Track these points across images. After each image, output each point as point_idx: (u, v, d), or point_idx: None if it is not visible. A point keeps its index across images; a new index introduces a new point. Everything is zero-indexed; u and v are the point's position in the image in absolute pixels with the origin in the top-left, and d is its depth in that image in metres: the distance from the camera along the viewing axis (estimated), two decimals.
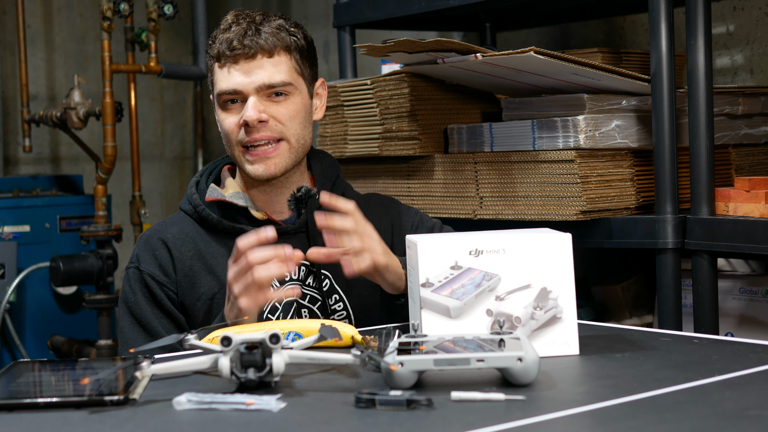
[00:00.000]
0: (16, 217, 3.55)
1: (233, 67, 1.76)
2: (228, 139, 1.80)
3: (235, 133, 1.78)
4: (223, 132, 1.81)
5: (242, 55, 1.75)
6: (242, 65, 1.75)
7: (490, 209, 2.25)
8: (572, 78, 2.12)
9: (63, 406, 1.16)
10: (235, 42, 1.75)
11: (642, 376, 1.24)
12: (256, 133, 1.76)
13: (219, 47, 1.77)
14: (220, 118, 1.80)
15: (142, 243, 1.81)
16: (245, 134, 1.76)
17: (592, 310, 2.63)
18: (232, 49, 1.75)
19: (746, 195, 1.98)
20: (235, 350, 1.22)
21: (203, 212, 1.80)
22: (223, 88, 1.77)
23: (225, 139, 1.81)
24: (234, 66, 1.76)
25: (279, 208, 1.84)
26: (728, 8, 2.60)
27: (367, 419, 1.09)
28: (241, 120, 1.76)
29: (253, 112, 1.74)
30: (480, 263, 1.38)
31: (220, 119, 1.80)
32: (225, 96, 1.77)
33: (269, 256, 1.54)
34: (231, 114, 1.78)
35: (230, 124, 1.78)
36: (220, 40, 1.77)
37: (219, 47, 1.77)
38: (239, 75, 1.75)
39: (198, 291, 1.77)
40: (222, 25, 1.79)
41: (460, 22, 3.02)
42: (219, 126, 1.83)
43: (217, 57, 1.78)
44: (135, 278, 1.78)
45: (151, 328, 1.75)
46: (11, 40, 4.02)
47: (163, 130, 4.50)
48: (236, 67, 1.76)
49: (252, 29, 1.76)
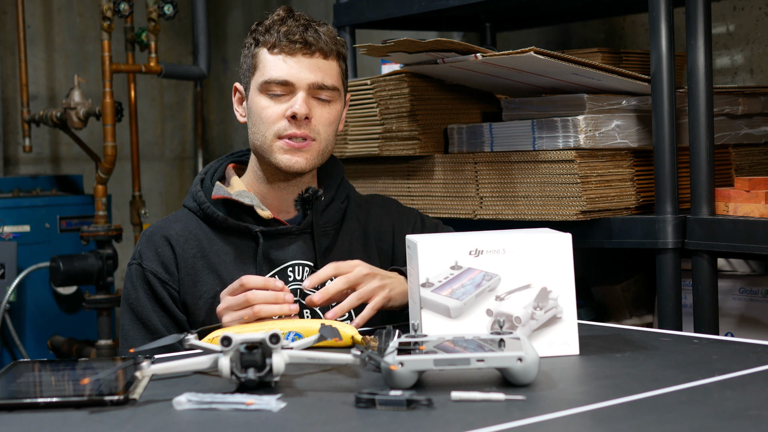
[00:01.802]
0: (16, 217, 3.55)
1: (289, 58, 1.75)
2: (263, 126, 1.77)
3: (274, 122, 1.76)
4: (259, 119, 1.78)
5: (301, 49, 1.75)
6: (299, 59, 1.75)
7: (490, 209, 2.25)
8: (572, 78, 2.12)
9: (63, 406, 1.16)
10: (297, 35, 1.75)
11: (642, 376, 1.24)
12: (298, 129, 1.75)
13: (276, 35, 1.76)
14: (259, 105, 1.78)
15: (145, 239, 1.80)
16: (288, 125, 1.75)
17: (592, 310, 2.63)
18: (293, 41, 1.75)
19: (746, 195, 1.98)
20: (235, 350, 1.22)
21: (208, 210, 1.79)
22: (275, 76, 1.76)
23: (258, 126, 1.78)
24: (290, 57, 1.75)
25: (285, 208, 1.84)
26: (728, 8, 2.60)
27: (367, 419, 1.09)
28: (287, 111, 1.75)
29: (304, 107, 1.74)
30: (480, 263, 1.38)
31: (260, 106, 1.77)
32: (274, 84, 1.76)
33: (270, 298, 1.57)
34: (274, 103, 1.77)
35: (272, 113, 1.76)
36: (276, 29, 1.76)
37: (276, 35, 1.76)
38: (295, 67, 1.75)
39: (200, 290, 1.77)
40: (275, 17, 1.79)
41: (460, 22, 3.02)
42: (246, 113, 1.82)
43: (271, 45, 1.76)
44: (137, 275, 1.78)
45: (152, 325, 1.75)
46: (11, 40, 4.02)
47: (163, 130, 4.50)
48: (292, 59, 1.75)
49: (312, 28, 1.77)
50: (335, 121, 1.81)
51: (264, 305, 1.57)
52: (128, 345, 1.75)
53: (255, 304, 1.57)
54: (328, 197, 1.85)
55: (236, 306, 1.59)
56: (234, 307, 1.60)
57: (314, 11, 3.96)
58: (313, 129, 1.77)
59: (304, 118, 1.75)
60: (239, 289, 1.60)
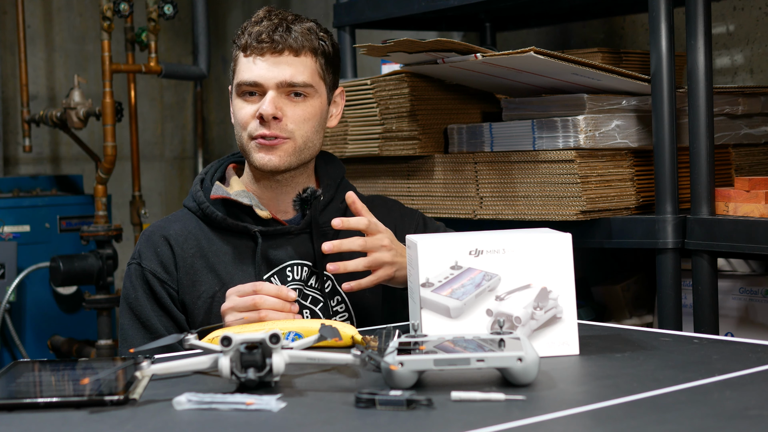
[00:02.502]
0: (16, 217, 3.55)
1: (258, 59, 1.76)
2: (238, 128, 1.80)
3: (247, 124, 1.78)
4: (235, 121, 1.81)
5: (269, 49, 1.76)
6: (267, 58, 1.76)
7: (490, 209, 2.25)
8: (572, 78, 2.12)
9: (63, 406, 1.16)
10: (264, 35, 1.76)
11: (642, 376, 1.24)
12: (267, 129, 1.76)
13: (247, 38, 1.77)
14: (235, 107, 1.81)
15: (145, 239, 1.81)
16: (258, 126, 1.77)
17: (592, 310, 2.63)
18: (260, 41, 1.76)
19: (746, 195, 1.98)
20: (235, 350, 1.22)
21: (207, 210, 1.80)
22: (245, 78, 1.77)
23: (236, 128, 1.82)
24: (259, 58, 1.76)
25: (284, 208, 1.85)
26: (728, 8, 2.60)
27: (367, 419, 1.09)
28: (256, 112, 1.76)
29: (270, 107, 1.75)
30: (480, 263, 1.38)
31: (236, 108, 1.81)
32: (245, 86, 1.78)
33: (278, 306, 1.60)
34: (247, 104, 1.79)
35: (245, 114, 1.78)
36: (249, 32, 1.78)
37: (247, 38, 1.77)
38: (263, 68, 1.76)
39: (199, 289, 1.77)
40: (253, 18, 1.80)
41: (460, 22, 3.02)
42: (233, 115, 1.84)
43: (243, 47, 1.78)
44: (136, 274, 1.78)
45: (151, 325, 1.75)
46: (11, 40, 4.02)
47: (163, 130, 4.50)
48: (261, 59, 1.76)
49: (283, 26, 1.77)
50: (313, 117, 1.80)
51: (271, 312, 1.59)
52: (127, 345, 1.75)
53: (263, 309, 1.59)
54: (327, 197, 1.85)
55: (242, 307, 1.60)
56: (239, 308, 1.61)
57: (314, 11, 3.96)
58: (284, 128, 1.77)
59: (273, 118, 1.75)
60: (250, 291, 1.61)
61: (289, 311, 1.60)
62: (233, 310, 1.61)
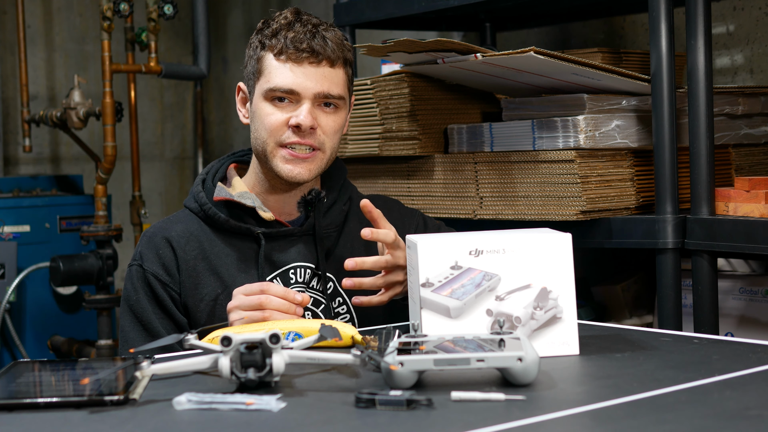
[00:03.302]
0: (16, 217, 3.55)
1: (296, 67, 1.74)
2: (266, 133, 1.77)
3: (278, 130, 1.75)
4: (261, 125, 1.77)
5: (308, 58, 1.74)
6: (306, 68, 1.74)
7: (490, 209, 2.25)
8: (572, 78, 2.12)
9: (63, 406, 1.16)
10: (305, 44, 1.73)
11: (642, 376, 1.24)
12: (302, 138, 1.75)
13: (284, 42, 1.74)
14: (263, 111, 1.77)
15: (146, 241, 1.79)
16: (292, 135, 1.75)
17: (592, 310, 2.63)
18: (300, 49, 1.73)
19: (746, 195, 1.98)
20: (235, 350, 1.22)
21: (210, 211, 1.78)
22: (280, 84, 1.74)
23: (260, 132, 1.77)
24: (297, 65, 1.74)
25: (288, 210, 1.84)
26: (728, 8, 2.60)
27: (367, 419, 1.09)
28: (290, 120, 1.74)
29: (308, 119, 1.73)
30: (480, 263, 1.38)
31: (264, 112, 1.77)
32: (279, 92, 1.75)
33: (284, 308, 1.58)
34: (278, 110, 1.76)
35: (276, 120, 1.75)
36: (284, 35, 1.74)
37: (284, 42, 1.74)
38: (301, 76, 1.74)
39: (201, 292, 1.76)
40: (282, 20, 1.77)
41: (460, 22, 3.02)
42: (250, 116, 1.81)
43: (278, 51, 1.74)
44: (138, 276, 1.77)
45: (152, 327, 1.74)
46: (11, 40, 4.02)
47: (163, 130, 4.50)
48: (299, 67, 1.74)
49: (319, 34, 1.75)
50: (341, 128, 1.80)
51: (276, 312, 1.57)
52: (128, 347, 1.75)
53: (268, 309, 1.58)
54: (331, 199, 1.84)
55: (247, 306, 1.59)
56: (245, 307, 1.59)
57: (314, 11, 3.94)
58: (319, 139, 1.76)
59: (309, 129, 1.74)
60: (257, 291, 1.60)
61: (294, 314, 1.58)
62: (238, 309, 1.60)
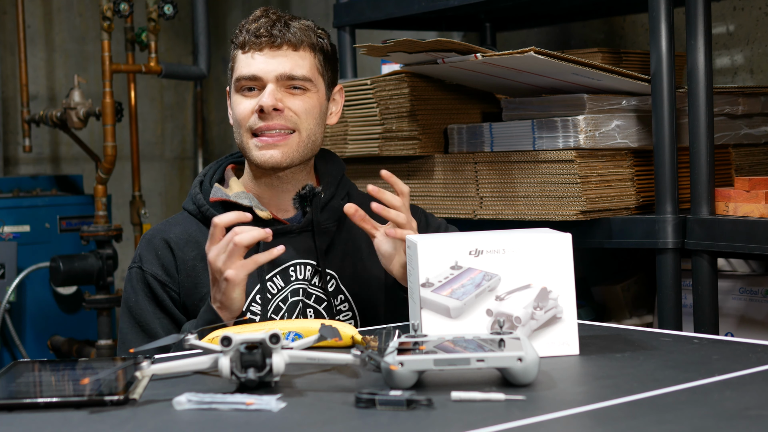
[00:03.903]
0: (16, 217, 3.55)
1: (257, 54, 1.76)
2: (239, 124, 1.79)
3: (247, 119, 1.77)
4: (234, 118, 1.80)
5: (268, 43, 1.75)
6: (266, 52, 1.76)
7: (490, 209, 2.25)
8: (572, 78, 2.12)
9: (63, 406, 1.16)
10: (263, 30, 1.75)
11: (642, 376, 1.24)
12: (269, 120, 1.75)
13: (245, 35, 1.77)
14: (234, 103, 1.80)
15: (145, 243, 1.80)
16: (258, 120, 1.76)
17: (592, 310, 2.63)
18: (258, 36, 1.75)
19: (746, 195, 1.98)
20: (235, 350, 1.22)
21: (208, 212, 1.79)
22: (243, 73, 1.76)
23: (236, 125, 1.80)
24: (258, 53, 1.76)
25: (284, 207, 1.84)
26: (728, 8, 2.60)
27: (367, 419, 1.09)
28: (256, 106, 1.75)
29: (270, 99, 1.74)
30: (480, 263, 1.38)
31: (235, 104, 1.79)
32: (244, 81, 1.77)
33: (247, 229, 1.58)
34: (246, 99, 1.78)
35: (244, 109, 1.77)
36: (247, 29, 1.77)
37: (245, 35, 1.77)
38: (262, 62, 1.76)
39: (200, 292, 1.76)
40: (251, 18, 1.80)
41: (460, 22, 3.02)
42: (231, 113, 1.82)
43: (242, 44, 1.77)
44: (137, 278, 1.78)
45: (151, 329, 1.74)
46: (11, 40, 4.02)
47: (163, 130, 4.50)
48: (260, 53, 1.76)
49: (282, 22, 1.77)
50: (314, 111, 1.79)
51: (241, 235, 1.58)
52: (126, 348, 1.75)
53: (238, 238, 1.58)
54: (328, 194, 1.84)
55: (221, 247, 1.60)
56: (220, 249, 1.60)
57: (314, 11, 3.96)
58: (289, 119, 1.76)
59: (274, 110, 1.75)
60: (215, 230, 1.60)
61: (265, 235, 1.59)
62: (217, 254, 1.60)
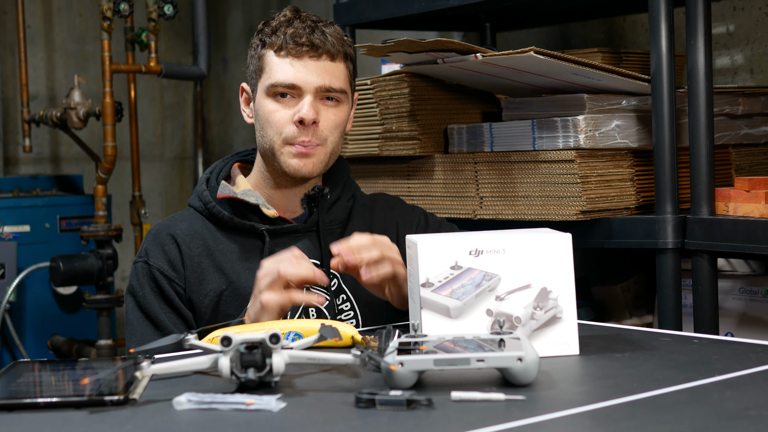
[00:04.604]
0: (16, 217, 3.55)
1: (296, 61, 1.75)
2: (271, 130, 1.77)
3: (282, 127, 1.76)
4: (265, 121, 1.78)
5: (308, 52, 1.74)
6: (306, 62, 1.75)
7: (490, 209, 2.25)
8: (572, 78, 2.12)
9: (63, 406, 1.16)
10: (304, 38, 1.74)
11: (642, 376, 1.24)
12: (305, 134, 1.75)
13: (282, 38, 1.75)
14: (266, 108, 1.77)
15: (151, 237, 1.80)
16: (296, 131, 1.75)
17: (592, 310, 2.63)
18: (300, 44, 1.74)
19: (746, 195, 1.98)
20: (235, 350, 1.22)
21: (214, 209, 1.79)
22: (281, 79, 1.75)
23: (265, 129, 1.78)
24: (297, 60, 1.75)
25: (292, 207, 1.85)
26: (728, 8, 2.60)
27: (367, 419, 1.09)
28: (295, 116, 1.75)
29: (311, 112, 1.74)
30: (480, 263, 1.38)
31: (268, 109, 1.77)
32: (281, 87, 1.76)
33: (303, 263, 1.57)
34: (282, 106, 1.76)
35: (281, 117, 1.76)
36: (283, 32, 1.75)
37: (282, 38, 1.75)
38: (302, 70, 1.75)
39: (206, 288, 1.77)
40: (281, 17, 1.78)
41: (460, 22, 3.02)
42: (254, 114, 1.81)
43: (278, 47, 1.75)
44: (143, 272, 1.78)
45: (160, 322, 1.75)
46: (11, 40, 4.02)
47: (163, 130, 4.50)
48: (299, 62, 1.75)
49: (318, 29, 1.76)
50: (342, 124, 1.80)
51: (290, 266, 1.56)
52: (136, 341, 1.75)
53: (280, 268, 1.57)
54: (334, 196, 1.85)
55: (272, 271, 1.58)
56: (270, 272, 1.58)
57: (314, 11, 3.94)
58: (320, 134, 1.77)
59: (312, 123, 1.75)
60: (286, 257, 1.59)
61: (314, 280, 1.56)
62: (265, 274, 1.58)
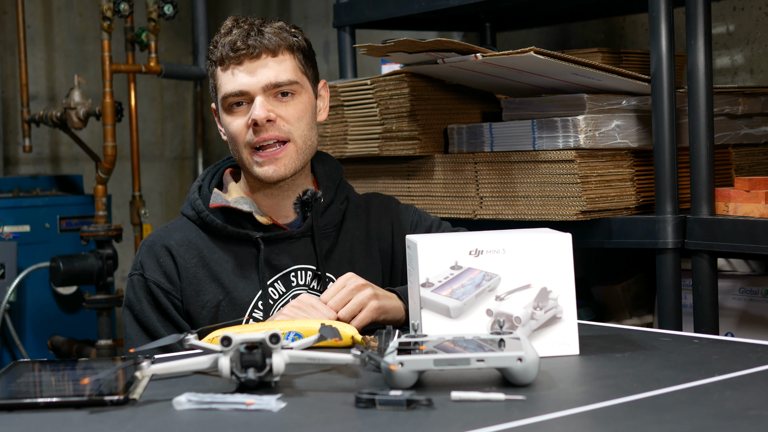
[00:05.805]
0: (16, 217, 3.55)
1: (237, 69, 1.74)
2: (235, 142, 1.77)
3: (242, 135, 1.75)
4: (229, 136, 1.77)
5: (246, 56, 1.73)
6: (247, 66, 1.73)
7: (490, 209, 2.25)
8: (572, 78, 2.12)
9: (63, 406, 1.16)
10: (239, 43, 1.73)
11: (642, 376, 1.24)
12: (264, 133, 1.73)
13: (221, 50, 1.74)
14: (226, 122, 1.77)
15: (146, 249, 1.78)
16: (253, 134, 1.74)
17: (592, 310, 2.63)
18: (236, 50, 1.73)
19: (746, 195, 1.98)
20: (235, 350, 1.22)
21: (207, 218, 1.78)
22: (229, 90, 1.74)
23: (232, 143, 1.78)
24: (238, 67, 1.73)
25: (284, 212, 1.83)
26: (728, 8, 2.60)
27: (367, 419, 1.09)
28: (248, 120, 1.73)
29: (262, 111, 1.72)
30: (480, 263, 1.38)
31: (226, 123, 1.77)
32: (231, 98, 1.74)
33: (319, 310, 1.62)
34: (237, 116, 1.75)
35: (237, 126, 1.75)
36: (222, 44, 1.75)
37: (221, 50, 1.74)
38: (244, 75, 1.73)
39: (203, 299, 1.76)
40: (222, 30, 1.77)
41: (460, 22, 3.02)
42: (224, 131, 1.80)
43: (219, 60, 1.75)
44: (140, 286, 1.76)
45: (159, 335, 1.73)
46: (11, 40, 4.02)
47: (163, 130, 4.50)
48: (240, 68, 1.73)
49: (254, 30, 1.74)
50: (305, 113, 1.78)
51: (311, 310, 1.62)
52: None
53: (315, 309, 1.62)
54: (327, 199, 1.84)
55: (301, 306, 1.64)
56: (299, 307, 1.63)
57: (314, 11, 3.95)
58: (282, 128, 1.74)
59: (267, 121, 1.73)
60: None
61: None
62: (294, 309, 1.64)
